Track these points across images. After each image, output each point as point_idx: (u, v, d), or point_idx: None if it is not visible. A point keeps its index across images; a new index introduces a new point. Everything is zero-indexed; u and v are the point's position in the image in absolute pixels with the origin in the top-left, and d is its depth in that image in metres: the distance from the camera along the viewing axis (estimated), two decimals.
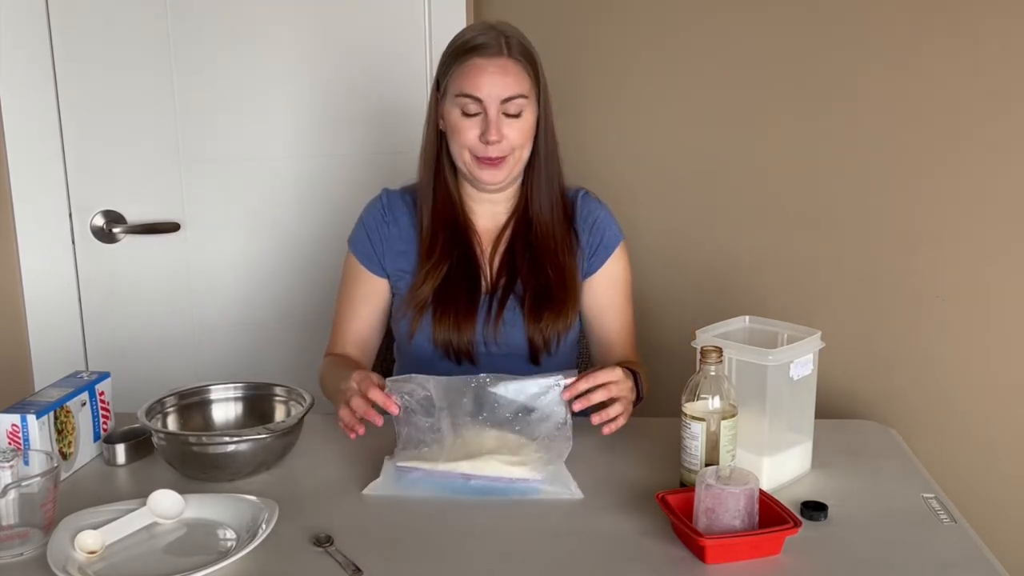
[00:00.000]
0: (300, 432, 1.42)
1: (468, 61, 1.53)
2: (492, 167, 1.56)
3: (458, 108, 1.54)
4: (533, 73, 1.56)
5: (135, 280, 2.10)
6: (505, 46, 1.53)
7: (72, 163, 1.98)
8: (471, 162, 1.57)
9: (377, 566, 1.12)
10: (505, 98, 1.52)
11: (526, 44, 1.57)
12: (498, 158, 1.55)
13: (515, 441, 1.41)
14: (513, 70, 1.53)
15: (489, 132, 1.52)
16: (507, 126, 1.54)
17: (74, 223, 2.01)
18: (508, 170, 1.57)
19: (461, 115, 1.54)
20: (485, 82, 1.52)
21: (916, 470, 1.40)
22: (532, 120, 1.57)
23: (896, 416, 1.87)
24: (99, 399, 1.45)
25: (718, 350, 1.26)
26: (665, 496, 1.21)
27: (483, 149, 1.54)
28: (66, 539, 1.14)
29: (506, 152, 1.55)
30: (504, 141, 1.54)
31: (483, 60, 1.52)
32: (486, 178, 1.57)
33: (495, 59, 1.52)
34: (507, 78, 1.52)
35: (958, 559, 1.15)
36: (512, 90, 1.52)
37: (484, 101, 1.52)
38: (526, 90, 1.54)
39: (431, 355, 1.61)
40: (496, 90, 1.52)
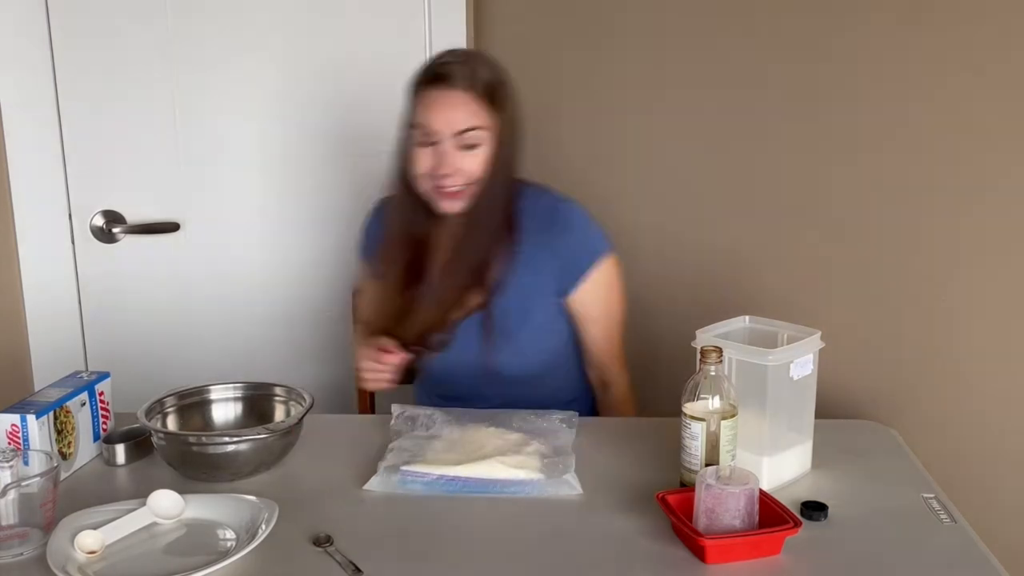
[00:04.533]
0: (300, 432, 1.42)
1: (424, 91, 1.53)
2: (450, 197, 1.55)
3: (414, 139, 1.54)
4: (494, 106, 1.53)
5: (135, 280, 2.10)
6: (465, 77, 1.51)
7: (72, 163, 1.98)
8: (431, 190, 1.56)
9: (377, 566, 1.12)
10: (459, 131, 1.50)
11: (494, 76, 1.55)
12: (454, 190, 1.53)
13: (516, 439, 1.41)
14: (468, 103, 1.50)
15: (441, 166, 1.51)
16: (463, 158, 1.52)
17: (74, 223, 2.01)
18: (466, 199, 1.55)
19: (418, 145, 1.53)
20: (438, 114, 1.50)
21: (916, 470, 1.40)
22: (491, 150, 1.54)
23: (896, 416, 1.87)
24: (99, 399, 1.45)
25: (718, 350, 1.26)
26: (665, 496, 1.21)
27: (439, 180, 1.53)
28: (66, 539, 1.14)
29: (462, 183, 1.53)
30: (459, 174, 1.52)
31: (438, 92, 1.51)
32: (445, 207, 1.56)
33: (451, 92, 1.50)
34: (459, 112, 1.50)
35: (958, 559, 1.15)
36: (466, 123, 1.50)
37: (437, 132, 1.51)
38: (483, 122, 1.51)
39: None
40: (449, 123, 1.50)
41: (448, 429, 1.45)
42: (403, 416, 1.53)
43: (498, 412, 1.54)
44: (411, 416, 1.52)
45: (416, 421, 1.50)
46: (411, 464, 1.34)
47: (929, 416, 1.93)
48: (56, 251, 1.99)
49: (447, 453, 1.37)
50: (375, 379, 1.59)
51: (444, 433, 1.43)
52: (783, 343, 1.34)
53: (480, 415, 1.52)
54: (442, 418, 1.50)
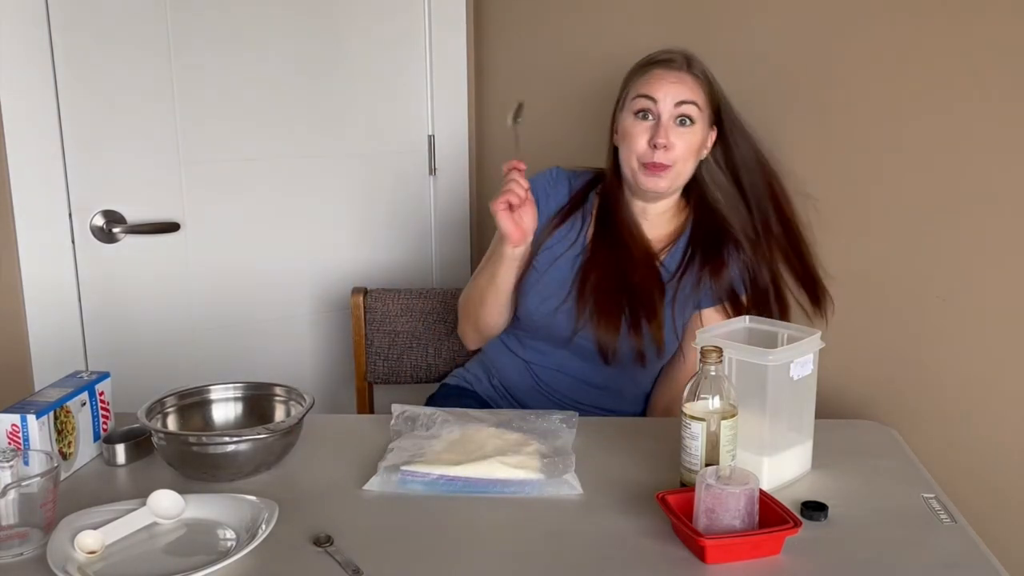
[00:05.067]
0: (300, 432, 1.42)
1: (650, 71, 1.68)
2: (656, 173, 1.64)
3: (632, 112, 1.66)
4: (709, 92, 1.68)
5: (135, 280, 2.10)
6: (686, 63, 1.68)
7: (72, 163, 1.98)
8: (637, 169, 1.66)
9: (377, 566, 1.12)
10: (679, 101, 1.63)
11: (707, 70, 1.71)
12: (663, 165, 1.63)
13: (516, 439, 1.41)
14: (690, 82, 1.66)
15: (658, 134, 1.62)
16: (676, 135, 1.64)
17: (74, 223, 2.01)
18: (669, 181, 1.67)
19: (634, 119, 1.66)
20: (662, 85, 1.65)
21: (916, 470, 1.40)
22: (701, 136, 1.67)
23: (896, 416, 1.86)
24: (99, 399, 1.45)
25: (718, 350, 1.26)
26: (665, 496, 1.21)
27: (650, 155, 1.63)
28: (66, 539, 1.14)
29: (671, 161, 1.64)
30: (670, 151, 1.63)
31: (663, 70, 1.67)
32: (648, 185, 1.67)
33: (674, 71, 1.67)
34: (683, 86, 1.65)
35: (958, 559, 1.15)
36: (686, 95, 1.64)
37: (659, 102, 1.63)
38: (700, 100, 1.66)
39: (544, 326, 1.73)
40: (672, 93, 1.64)
41: (448, 429, 1.45)
42: (403, 416, 1.53)
43: (498, 412, 1.55)
44: (411, 416, 1.52)
45: (416, 421, 1.50)
46: (411, 464, 1.34)
47: (929, 416, 1.93)
48: (56, 251, 1.99)
49: (447, 453, 1.37)
50: (513, 190, 1.60)
51: (444, 433, 1.44)
52: (783, 343, 1.34)
53: (480, 415, 1.52)
54: (442, 418, 1.50)
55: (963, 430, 1.92)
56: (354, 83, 2.28)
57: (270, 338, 2.29)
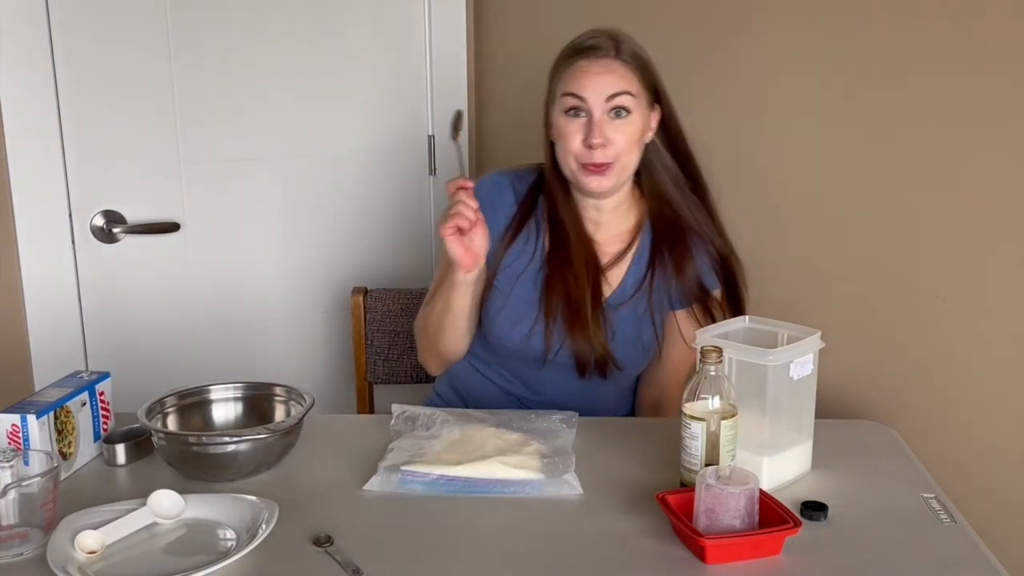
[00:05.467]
0: (300, 432, 1.42)
1: (574, 63, 1.53)
2: (598, 174, 1.53)
3: (563, 110, 1.53)
4: (643, 75, 1.55)
5: (135, 280, 2.10)
6: (613, 48, 1.53)
7: (72, 163, 1.98)
8: (577, 169, 1.55)
9: (377, 566, 1.12)
10: (610, 95, 1.50)
11: (638, 49, 1.56)
12: (604, 164, 1.52)
13: (516, 439, 1.41)
14: (619, 70, 1.52)
15: (592, 134, 1.50)
16: (612, 128, 1.51)
17: (74, 223, 2.01)
18: (614, 179, 1.55)
19: (566, 117, 1.53)
20: (590, 81, 1.51)
21: (916, 470, 1.40)
22: (640, 124, 1.54)
23: (896, 416, 1.86)
24: (99, 399, 1.45)
25: (718, 350, 1.26)
26: (665, 496, 1.21)
27: (588, 155, 1.52)
28: (66, 539, 1.14)
29: (612, 158, 1.52)
30: (608, 147, 1.51)
31: (588, 61, 1.52)
32: (591, 185, 1.55)
33: (601, 60, 1.52)
34: (611, 76, 1.51)
35: (958, 559, 1.15)
36: (617, 87, 1.51)
37: (588, 100, 1.51)
38: (633, 88, 1.52)
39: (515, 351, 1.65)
40: (600, 88, 1.50)
41: (448, 429, 1.45)
42: (403, 416, 1.53)
43: (498, 412, 1.55)
44: (411, 416, 1.52)
45: (416, 421, 1.50)
46: (411, 464, 1.34)
47: (929, 416, 1.93)
48: (56, 251, 1.99)
49: (447, 453, 1.37)
50: (462, 213, 1.46)
51: (444, 433, 1.44)
52: (783, 343, 1.34)
53: (480, 415, 1.52)
54: (442, 418, 1.50)
55: (963, 430, 1.92)
56: (354, 83, 2.28)
57: (270, 338, 2.29)
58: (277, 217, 2.25)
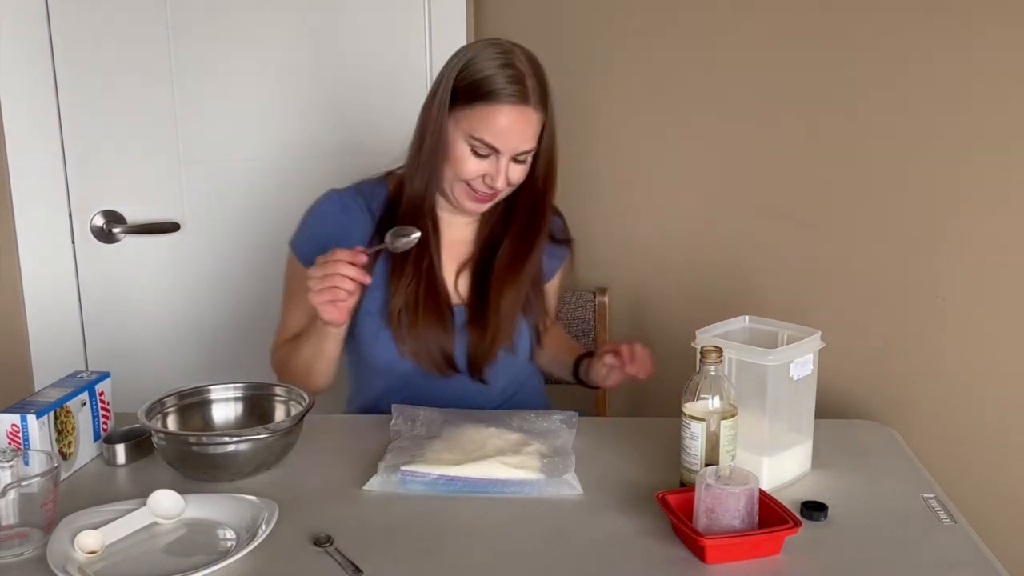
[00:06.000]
0: (300, 432, 1.42)
1: (496, 109, 1.46)
2: (482, 201, 1.55)
3: (468, 146, 1.49)
4: (546, 113, 1.52)
5: (135, 280, 2.10)
6: (534, 92, 1.47)
7: (72, 163, 1.98)
8: (462, 192, 1.53)
9: (377, 566, 1.12)
10: (522, 152, 1.49)
11: (544, 79, 1.51)
12: (495, 194, 1.54)
13: (516, 439, 1.41)
14: (533, 120, 1.48)
15: (497, 180, 1.49)
16: (513, 172, 1.51)
17: (74, 223, 2.01)
18: (493, 204, 1.58)
19: (470, 153, 1.49)
20: (506, 134, 1.46)
21: (916, 470, 1.40)
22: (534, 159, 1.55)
23: (896, 416, 1.87)
24: (99, 399, 1.45)
25: (718, 350, 1.26)
26: (665, 496, 1.21)
27: (482, 187, 1.51)
28: (66, 539, 1.14)
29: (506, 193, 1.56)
30: (508, 186, 1.53)
31: (507, 107, 1.45)
32: (471, 209, 1.56)
33: (523, 109, 1.46)
34: (527, 130, 1.48)
35: (958, 559, 1.15)
36: (529, 142, 1.49)
37: (500, 151, 1.48)
38: (538, 133, 1.51)
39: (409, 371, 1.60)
40: (516, 142, 1.48)
41: (448, 429, 1.45)
42: (403, 416, 1.53)
43: (499, 413, 1.55)
44: (411, 416, 1.52)
45: (416, 421, 1.50)
46: (411, 464, 1.34)
47: (929, 416, 1.93)
48: (56, 251, 1.99)
49: (447, 453, 1.37)
50: (333, 298, 1.38)
51: (444, 433, 1.43)
52: (783, 343, 1.34)
53: (480, 415, 1.52)
54: (442, 418, 1.50)
55: (963, 430, 1.92)
56: (354, 83, 2.28)
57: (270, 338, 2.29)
58: (277, 217, 2.25)
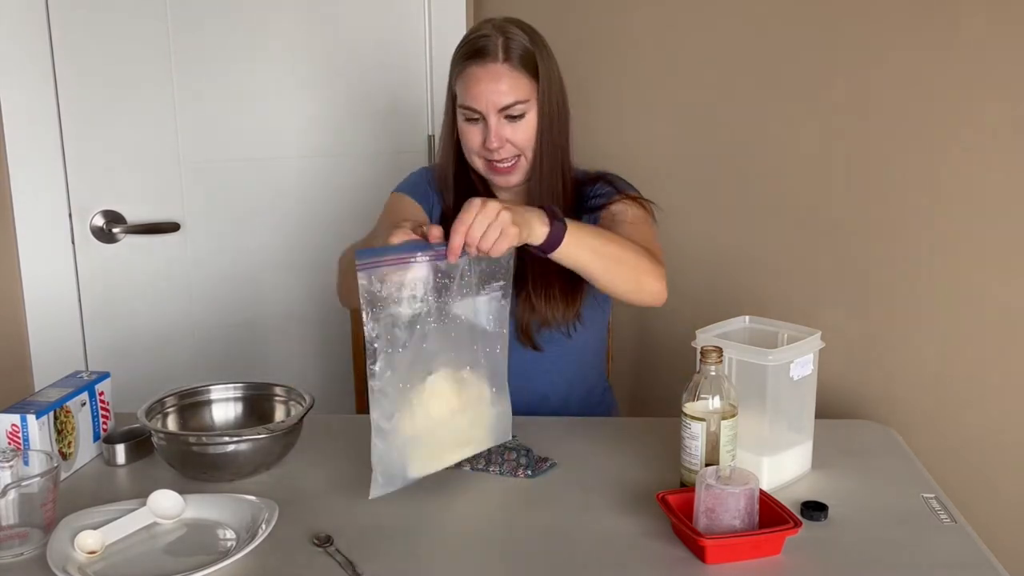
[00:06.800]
0: (300, 432, 1.42)
1: (466, 69, 1.53)
2: (504, 173, 1.57)
3: (463, 116, 1.55)
4: (533, 73, 1.53)
5: (135, 280, 2.10)
6: (502, 49, 1.51)
7: (72, 163, 1.98)
8: (484, 167, 1.58)
9: (377, 566, 1.12)
10: (502, 106, 1.51)
11: (528, 42, 1.53)
12: (508, 163, 1.55)
13: (467, 379, 1.35)
14: (508, 76, 1.51)
15: (489, 140, 1.52)
16: (510, 130, 1.53)
17: (74, 223, 2.01)
18: (521, 173, 1.58)
19: (465, 121, 1.55)
20: (481, 91, 1.51)
21: (916, 470, 1.40)
22: (536, 120, 1.55)
23: (896, 416, 1.87)
24: (99, 399, 1.45)
25: (718, 350, 1.26)
26: (665, 496, 1.21)
27: (489, 154, 1.55)
28: (66, 539, 1.14)
29: (512, 156, 1.55)
30: (507, 146, 1.54)
31: (478, 68, 1.51)
32: (500, 182, 1.59)
33: (490, 66, 1.50)
34: (501, 85, 1.50)
35: (958, 559, 1.15)
36: (508, 97, 1.51)
37: (481, 111, 1.52)
38: (524, 94, 1.52)
39: None
40: (492, 98, 1.51)
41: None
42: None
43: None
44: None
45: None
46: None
47: (929, 416, 1.93)
48: (56, 251, 1.99)
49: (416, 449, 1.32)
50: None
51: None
52: (783, 343, 1.34)
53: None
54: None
55: (963, 430, 1.92)
56: (354, 83, 2.28)
57: (270, 338, 2.29)
58: (277, 217, 2.25)
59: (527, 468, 1.38)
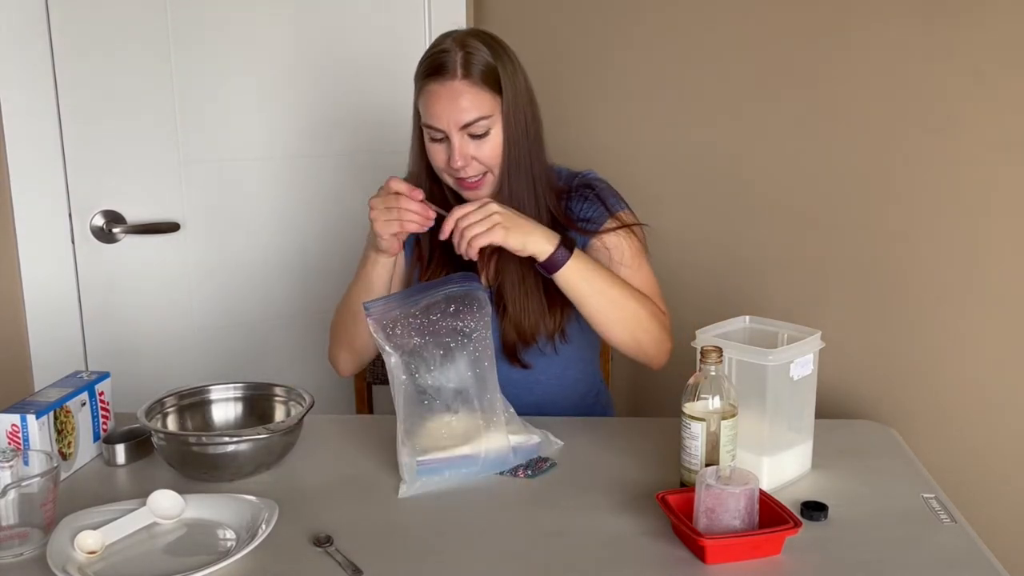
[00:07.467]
0: (300, 432, 1.42)
1: (426, 87, 1.50)
2: (473, 188, 1.53)
3: (427, 135, 1.52)
4: (496, 88, 1.49)
5: (135, 280, 2.10)
6: (461, 65, 1.47)
7: (72, 163, 1.98)
8: (453, 183, 1.55)
9: (377, 566, 1.12)
10: (464, 124, 1.47)
11: (489, 56, 1.49)
12: (475, 179, 1.52)
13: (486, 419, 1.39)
14: (468, 93, 1.47)
15: (452, 159, 1.49)
16: (474, 147, 1.49)
17: (74, 223, 2.01)
18: (490, 186, 1.54)
19: (430, 140, 1.52)
20: (441, 110, 1.47)
21: (916, 470, 1.40)
22: (501, 138, 1.51)
23: (896, 416, 1.87)
24: (99, 399, 1.45)
25: (718, 350, 1.26)
26: (665, 496, 1.21)
27: (455, 172, 1.51)
28: (66, 539, 1.14)
29: (479, 172, 1.52)
30: (473, 164, 1.50)
31: (437, 86, 1.48)
32: (470, 196, 1.55)
33: (448, 83, 1.47)
34: (462, 102, 1.47)
35: (958, 559, 1.15)
36: (470, 115, 1.47)
37: (443, 130, 1.48)
38: (487, 109, 1.48)
39: None
40: (453, 116, 1.47)
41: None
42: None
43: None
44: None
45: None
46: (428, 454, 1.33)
47: (929, 416, 1.93)
48: (56, 251, 1.99)
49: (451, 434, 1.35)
50: (396, 219, 1.45)
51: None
52: (783, 343, 1.34)
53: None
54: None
55: (963, 430, 1.92)
56: (354, 83, 2.28)
57: (270, 338, 2.29)
58: (277, 217, 2.25)
59: (527, 468, 1.38)
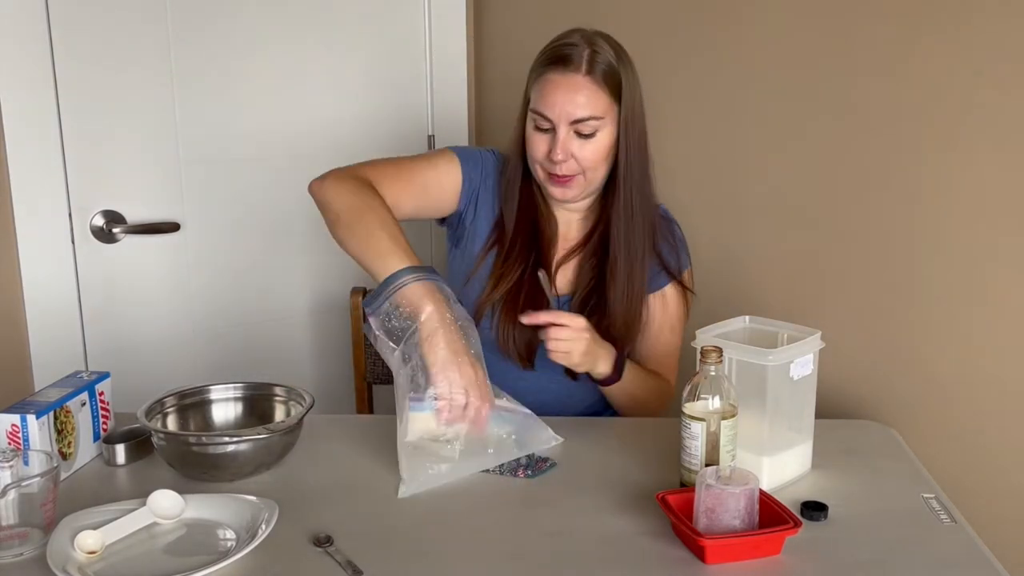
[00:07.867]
0: (300, 432, 1.42)
1: (545, 74, 1.49)
2: (561, 184, 1.53)
3: (532, 122, 1.52)
4: (615, 92, 1.49)
5: (135, 280, 2.10)
6: (587, 61, 1.47)
7: (72, 163, 1.98)
8: (543, 177, 1.55)
9: (377, 566, 1.12)
10: (575, 119, 1.47)
11: (614, 59, 1.50)
12: (567, 176, 1.52)
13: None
14: (588, 89, 1.47)
15: (554, 151, 1.48)
16: (578, 146, 1.49)
17: (74, 223, 2.01)
18: (579, 189, 1.54)
19: (534, 128, 1.52)
20: (556, 100, 1.47)
21: (916, 470, 1.40)
22: (608, 141, 1.51)
23: (896, 416, 1.87)
24: (99, 399, 1.45)
25: (718, 350, 1.26)
26: (665, 496, 1.21)
27: (551, 166, 1.51)
28: (66, 539, 1.14)
29: (574, 171, 1.51)
30: (571, 161, 1.50)
31: (557, 76, 1.48)
32: (555, 195, 1.56)
33: (571, 76, 1.47)
34: (579, 97, 1.47)
35: (958, 559, 1.15)
36: (583, 111, 1.47)
37: (553, 120, 1.48)
38: (601, 111, 1.48)
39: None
40: (566, 109, 1.47)
41: None
42: None
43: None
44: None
45: None
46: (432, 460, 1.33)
47: (929, 416, 1.93)
48: (56, 251, 1.99)
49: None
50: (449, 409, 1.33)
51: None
52: (783, 343, 1.34)
53: None
54: None
55: (963, 430, 1.92)
56: (354, 83, 2.28)
57: (270, 338, 2.29)
58: (277, 217, 2.25)
59: (527, 468, 1.38)
